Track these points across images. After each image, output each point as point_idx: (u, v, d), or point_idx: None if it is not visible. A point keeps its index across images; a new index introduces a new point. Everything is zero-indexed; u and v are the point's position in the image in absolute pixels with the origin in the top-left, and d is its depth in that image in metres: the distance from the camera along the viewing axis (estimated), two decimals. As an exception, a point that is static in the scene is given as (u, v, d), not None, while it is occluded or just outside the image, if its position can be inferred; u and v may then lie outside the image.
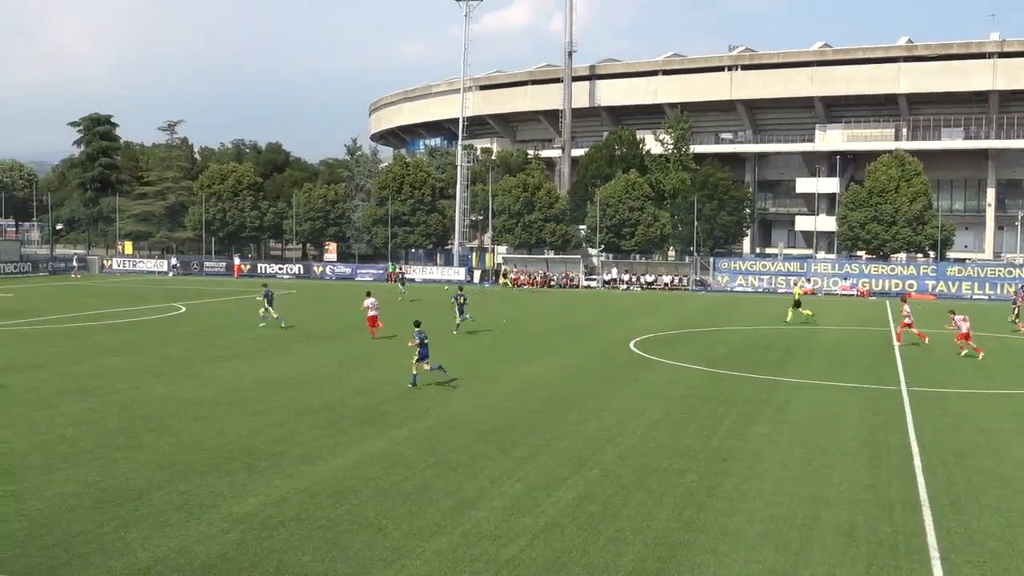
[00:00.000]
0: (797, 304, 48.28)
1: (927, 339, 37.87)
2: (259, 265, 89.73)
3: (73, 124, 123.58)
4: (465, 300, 42.11)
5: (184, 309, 50.24)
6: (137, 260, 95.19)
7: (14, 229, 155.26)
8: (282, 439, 19.53)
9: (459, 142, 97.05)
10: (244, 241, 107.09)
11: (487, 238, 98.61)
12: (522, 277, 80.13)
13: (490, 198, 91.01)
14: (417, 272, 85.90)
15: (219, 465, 17.41)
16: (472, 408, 23.22)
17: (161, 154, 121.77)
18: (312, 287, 72.64)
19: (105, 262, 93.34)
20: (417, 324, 27.18)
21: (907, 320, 37.67)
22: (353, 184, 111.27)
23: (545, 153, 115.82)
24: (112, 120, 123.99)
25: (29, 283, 72.24)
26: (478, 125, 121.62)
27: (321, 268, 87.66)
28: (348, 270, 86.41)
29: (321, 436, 19.83)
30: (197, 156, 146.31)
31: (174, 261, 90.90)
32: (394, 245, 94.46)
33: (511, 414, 22.54)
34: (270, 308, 41.83)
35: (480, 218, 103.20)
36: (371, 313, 38.50)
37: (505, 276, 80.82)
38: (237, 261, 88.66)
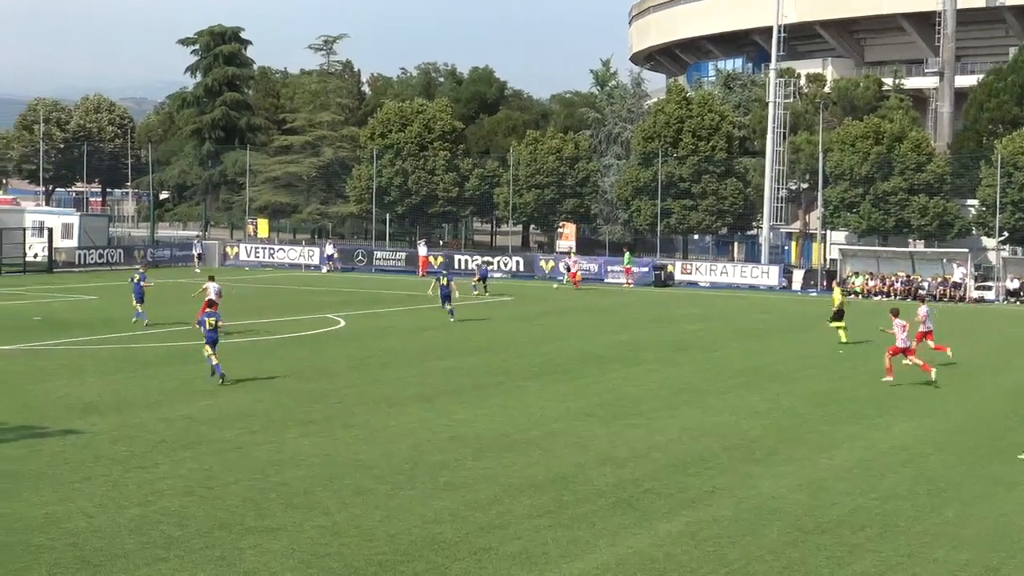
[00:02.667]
0: (839, 315, 48.80)
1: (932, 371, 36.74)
2: (456, 257, 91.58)
3: (185, 42, 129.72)
4: (450, 281, 54.65)
5: (343, 323, 51.97)
6: (275, 247, 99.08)
7: (100, 199, 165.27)
8: (488, 527, 19.86)
9: (771, 65, 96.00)
10: (434, 220, 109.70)
11: (815, 219, 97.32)
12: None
13: (820, 155, 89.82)
14: (703, 271, 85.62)
15: (392, 564, 17.84)
16: (790, 490, 22.95)
17: (313, 86, 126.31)
18: (539, 291, 73.54)
19: (229, 249, 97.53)
20: (211, 304, 38.18)
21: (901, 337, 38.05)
22: (603, 132, 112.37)
23: (912, 82, 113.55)
24: (242, 36, 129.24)
25: (122, 279, 76.37)
26: (803, 38, 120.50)
27: (551, 262, 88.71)
28: (594, 266, 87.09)
29: (548, 526, 20.03)
30: (366, 89, 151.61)
31: (330, 249, 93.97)
32: (666, 228, 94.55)
33: (851, 502, 22.14)
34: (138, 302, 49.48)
35: (804, 187, 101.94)
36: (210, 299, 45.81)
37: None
38: (423, 251, 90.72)
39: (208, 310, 36.46)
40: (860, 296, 76.92)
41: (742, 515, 21.07)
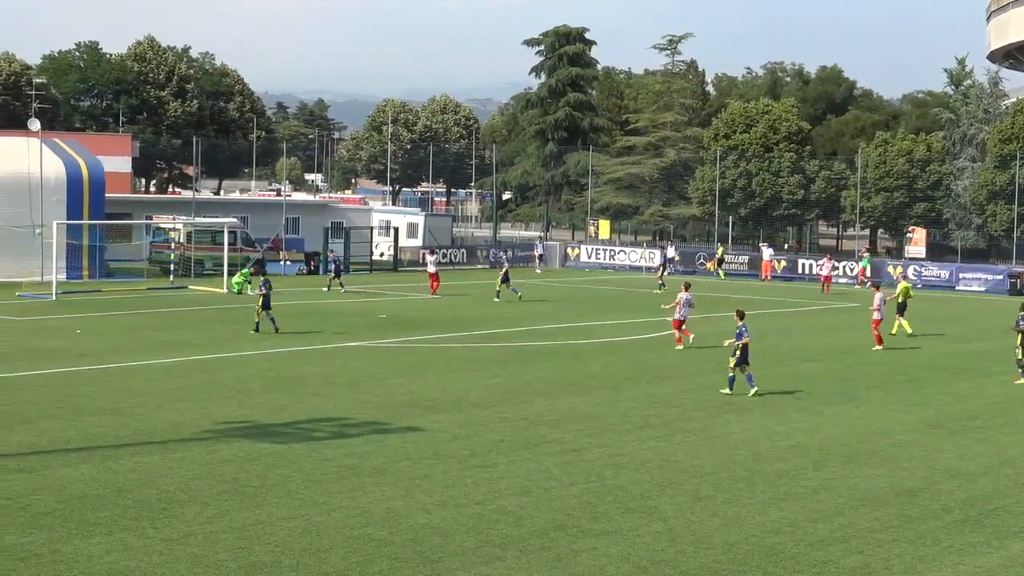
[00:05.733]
0: (903, 308, 50.13)
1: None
2: (799, 262, 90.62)
3: (531, 43, 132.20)
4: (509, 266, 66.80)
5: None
6: (616, 249, 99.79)
7: (445, 199, 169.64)
8: (828, 540, 19.69)
9: None
10: (778, 222, 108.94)
11: None
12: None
13: None
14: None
15: (728, 573, 17.89)
16: None
17: (657, 86, 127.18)
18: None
19: (570, 250, 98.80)
20: (264, 274, 49.73)
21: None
22: (957, 133, 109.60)
23: None
24: (587, 36, 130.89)
25: (463, 278, 78.35)
26: None
27: (899, 268, 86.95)
28: (945, 272, 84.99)
29: (891, 540, 19.73)
30: (710, 89, 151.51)
31: (671, 252, 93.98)
32: (1023, 235, 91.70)
33: None
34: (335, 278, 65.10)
35: None
36: (431, 270, 65.73)
37: None
38: (767, 255, 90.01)
39: (264, 279, 46.07)
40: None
41: (1103, 537, 20.34)
